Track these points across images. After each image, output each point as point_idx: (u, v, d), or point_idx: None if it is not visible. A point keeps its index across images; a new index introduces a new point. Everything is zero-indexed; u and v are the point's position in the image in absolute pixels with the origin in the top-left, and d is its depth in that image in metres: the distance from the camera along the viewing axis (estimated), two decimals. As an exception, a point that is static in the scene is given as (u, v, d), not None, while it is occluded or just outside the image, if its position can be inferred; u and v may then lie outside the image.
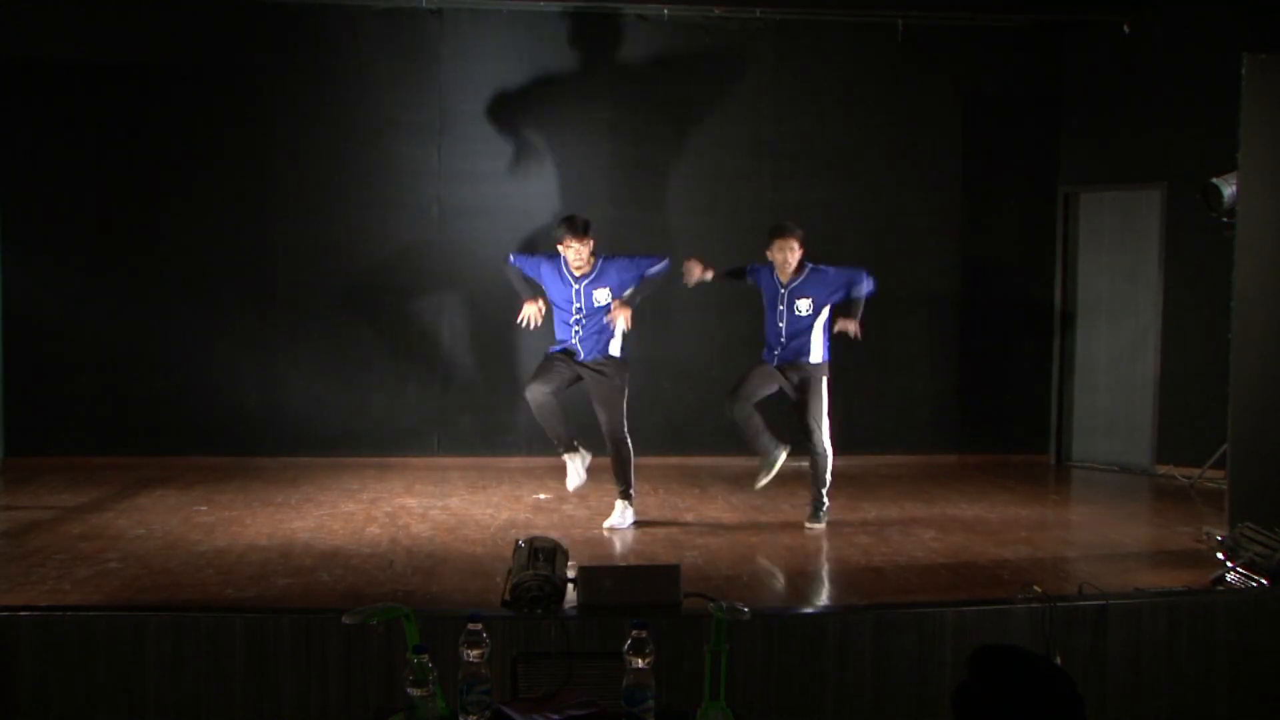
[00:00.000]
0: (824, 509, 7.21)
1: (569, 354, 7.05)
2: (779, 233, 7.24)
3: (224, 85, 9.13)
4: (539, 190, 9.31)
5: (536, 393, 6.98)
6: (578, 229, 6.91)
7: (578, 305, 7.01)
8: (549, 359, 7.10)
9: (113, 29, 9.00)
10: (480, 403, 9.30)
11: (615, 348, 7.09)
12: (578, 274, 6.99)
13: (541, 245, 8.38)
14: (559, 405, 7.06)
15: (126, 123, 9.03)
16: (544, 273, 7.10)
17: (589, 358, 7.04)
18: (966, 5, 9.43)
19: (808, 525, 7.16)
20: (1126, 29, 9.21)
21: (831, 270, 7.26)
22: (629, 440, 7.11)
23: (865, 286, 7.24)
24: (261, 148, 9.16)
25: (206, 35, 9.08)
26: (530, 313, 7.08)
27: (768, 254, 7.25)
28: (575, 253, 6.91)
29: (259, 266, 9.19)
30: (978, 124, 9.70)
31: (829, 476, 7.22)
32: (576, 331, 7.02)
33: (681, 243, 9.47)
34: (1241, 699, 5.39)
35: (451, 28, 9.24)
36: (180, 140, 9.08)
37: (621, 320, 7.00)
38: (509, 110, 9.31)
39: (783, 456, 7.27)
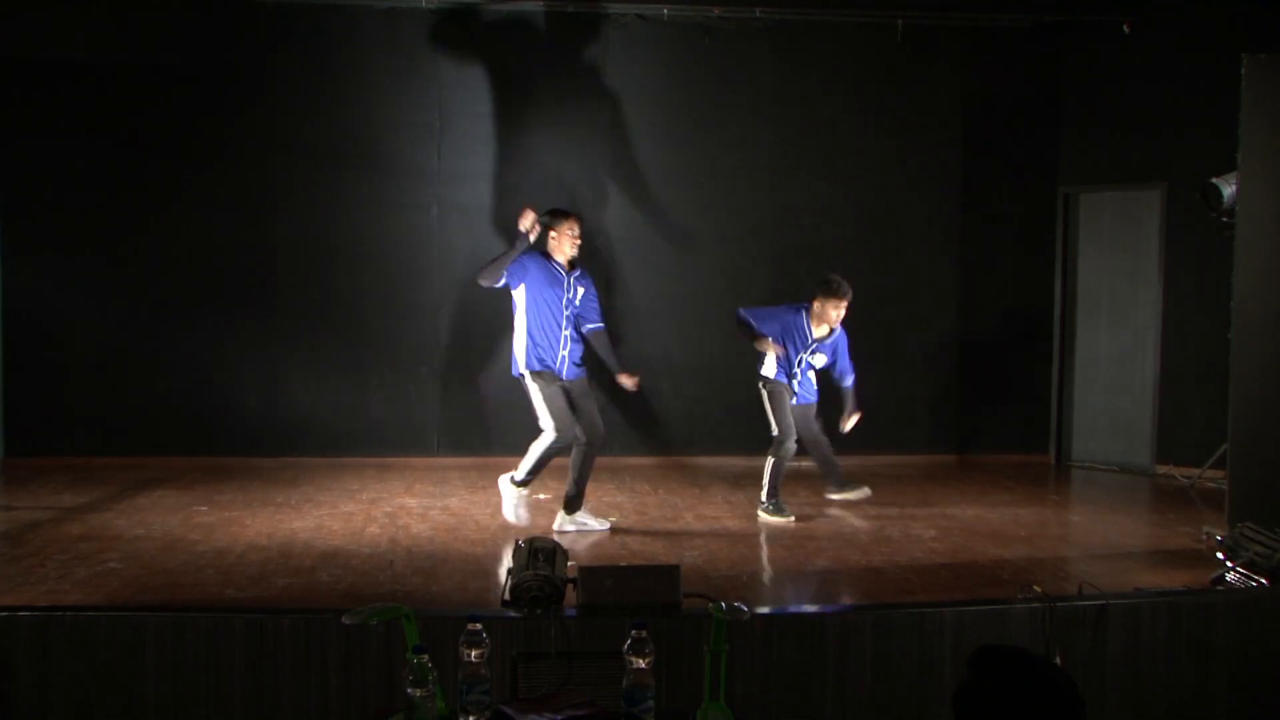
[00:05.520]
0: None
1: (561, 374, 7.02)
2: (839, 292, 7.53)
3: (224, 85, 9.12)
4: (541, 191, 9.30)
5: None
6: (576, 209, 7.36)
7: (568, 297, 7.02)
8: (562, 392, 7.02)
9: (113, 29, 8.99)
10: (480, 403, 9.29)
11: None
12: (568, 268, 7.05)
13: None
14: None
15: (126, 123, 9.02)
16: (531, 271, 6.96)
17: (574, 370, 7.07)
18: (966, 6, 9.43)
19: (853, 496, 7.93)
20: (1126, 29, 9.21)
21: (844, 344, 7.82)
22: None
23: (850, 379, 7.90)
24: (261, 147, 9.16)
25: (206, 35, 9.08)
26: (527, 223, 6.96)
27: (815, 305, 7.56)
28: (576, 236, 7.01)
29: (259, 266, 9.19)
30: (978, 124, 9.70)
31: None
32: (567, 336, 7.00)
33: (682, 243, 9.49)
34: (1241, 699, 5.39)
35: (451, 28, 9.24)
36: (180, 140, 9.07)
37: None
38: (508, 110, 9.30)
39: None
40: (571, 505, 7.04)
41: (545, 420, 6.99)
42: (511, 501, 7.30)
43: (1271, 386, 6.51)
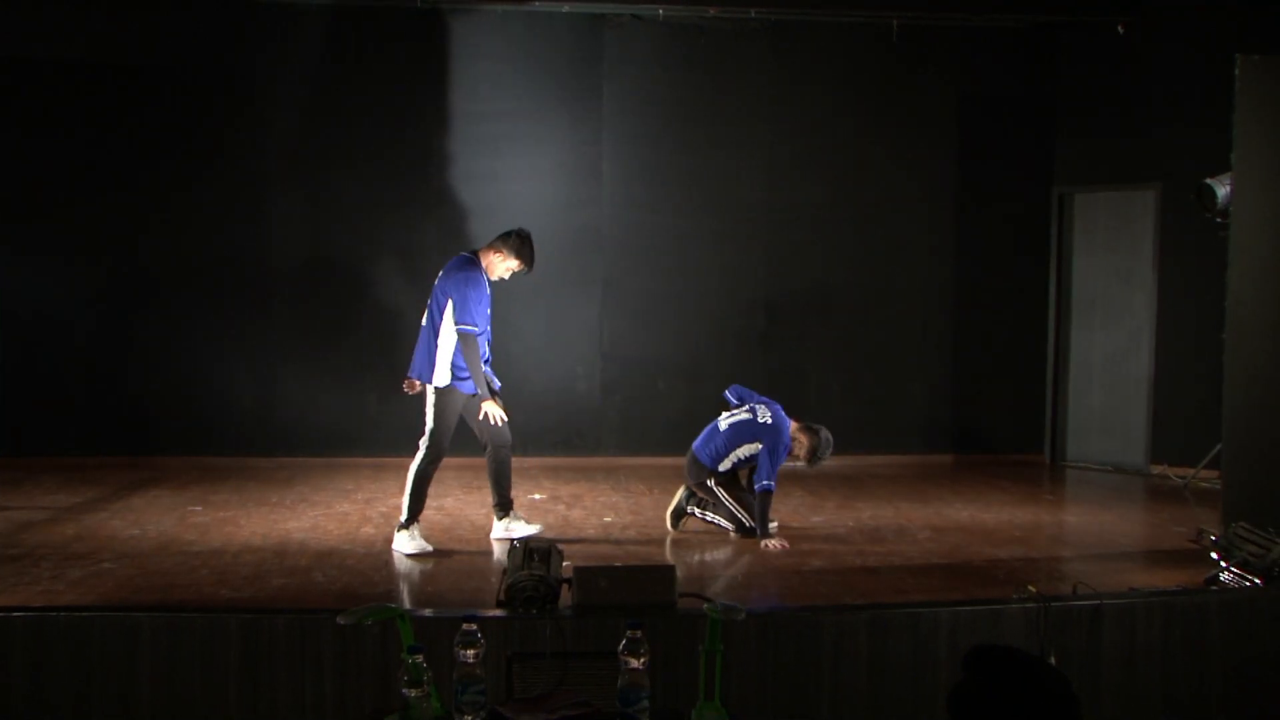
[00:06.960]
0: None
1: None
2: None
3: (220, 84, 9.12)
4: (536, 190, 9.31)
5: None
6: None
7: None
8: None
9: (107, 28, 8.98)
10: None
11: None
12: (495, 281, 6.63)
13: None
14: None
15: (122, 122, 9.01)
16: (484, 299, 6.52)
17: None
18: (961, 6, 9.43)
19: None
20: (1121, 30, 9.22)
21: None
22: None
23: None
24: (258, 147, 9.15)
25: (203, 34, 9.07)
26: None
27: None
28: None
29: (255, 266, 9.18)
30: (973, 124, 9.71)
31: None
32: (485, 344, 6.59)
33: (678, 242, 9.49)
34: (1235, 698, 5.40)
35: (451, 28, 9.23)
36: (176, 139, 9.07)
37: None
38: (507, 110, 9.30)
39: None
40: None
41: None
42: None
43: (1266, 387, 6.52)
